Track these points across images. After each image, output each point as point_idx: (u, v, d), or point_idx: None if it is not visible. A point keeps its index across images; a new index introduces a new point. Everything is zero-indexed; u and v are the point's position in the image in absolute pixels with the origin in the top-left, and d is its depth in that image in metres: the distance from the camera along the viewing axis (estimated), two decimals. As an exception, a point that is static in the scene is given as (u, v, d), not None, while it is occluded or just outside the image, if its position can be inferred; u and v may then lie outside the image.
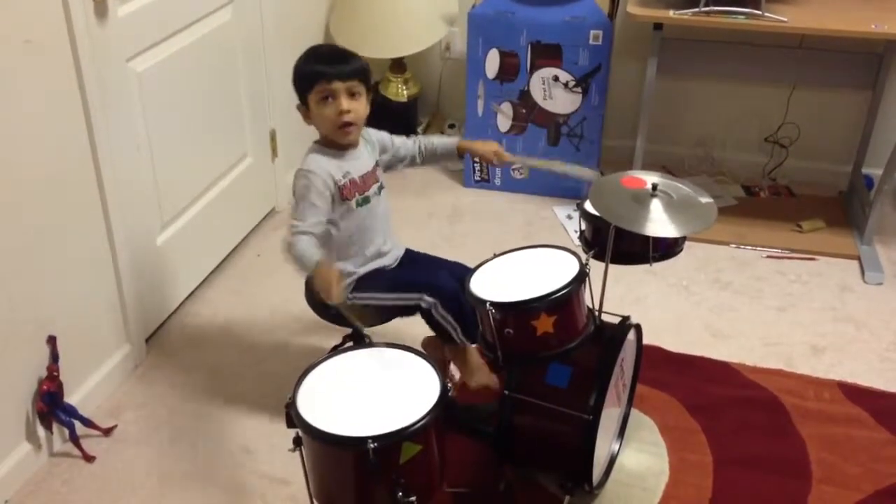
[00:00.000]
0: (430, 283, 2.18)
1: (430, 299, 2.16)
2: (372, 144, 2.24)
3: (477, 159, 2.39)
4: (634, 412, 2.36)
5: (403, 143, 2.32)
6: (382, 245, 2.26)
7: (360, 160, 2.18)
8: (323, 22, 3.65)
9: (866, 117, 3.48)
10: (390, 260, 2.29)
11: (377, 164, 2.23)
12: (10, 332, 2.12)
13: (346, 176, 2.13)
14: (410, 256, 2.36)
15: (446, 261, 2.34)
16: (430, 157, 2.34)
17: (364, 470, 1.53)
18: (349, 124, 2.11)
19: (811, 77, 3.47)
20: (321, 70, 2.08)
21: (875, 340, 2.78)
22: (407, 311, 2.23)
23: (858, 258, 3.20)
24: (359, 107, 2.11)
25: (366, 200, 2.17)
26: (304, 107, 2.14)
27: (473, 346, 2.25)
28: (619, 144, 3.68)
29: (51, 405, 2.23)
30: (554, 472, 2.10)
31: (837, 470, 2.27)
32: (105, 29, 2.32)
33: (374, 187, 2.20)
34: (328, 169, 2.11)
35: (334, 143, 2.14)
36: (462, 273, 2.06)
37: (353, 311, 1.92)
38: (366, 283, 2.23)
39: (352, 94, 2.09)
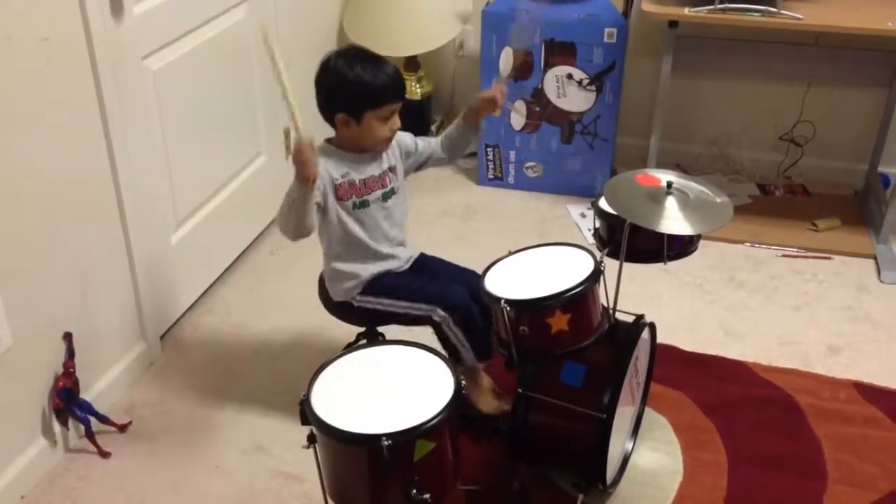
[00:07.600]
0: (444, 297, 2.16)
1: (442, 313, 2.15)
2: (394, 149, 2.21)
3: (485, 114, 2.24)
4: (648, 411, 2.36)
5: (427, 144, 2.29)
6: (386, 250, 2.22)
7: (369, 164, 2.15)
8: (337, 20, 3.65)
9: (882, 115, 3.46)
10: (397, 264, 2.26)
11: (390, 169, 2.19)
12: (26, 329, 2.13)
13: (344, 176, 2.11)
14: (424, 261, 2.33)
15: (460, 268, 2.31)
16: (452, 148, 2.29)
17: (378, 467, 1.53)
18: (391, 139, 2.14)
19: (827, 75, 3.45)
20: (394, 89, 2.06)
21: (892, 340, 2.76)
22: (417, 320, 2.20)
23: (874, 257, 3.18)
24: None
25: (364, 204, 2.14)
26: (349, 117, 2.06)
27: (482, 366, 2.27)
28: (634, 143, 3.67)
29: (66, 401, 2.24)
30: (568, 471, 2.10)
31: (853, 470, 2.25)
32: (121, 27, 2.32)
33: (378, 192, 2.16)
34: (326, 167, 2.08)
35: (350, 146, 2.13)
36: (475, 284, 2.03)
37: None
38: (376, 286, 2.21)
39: None
